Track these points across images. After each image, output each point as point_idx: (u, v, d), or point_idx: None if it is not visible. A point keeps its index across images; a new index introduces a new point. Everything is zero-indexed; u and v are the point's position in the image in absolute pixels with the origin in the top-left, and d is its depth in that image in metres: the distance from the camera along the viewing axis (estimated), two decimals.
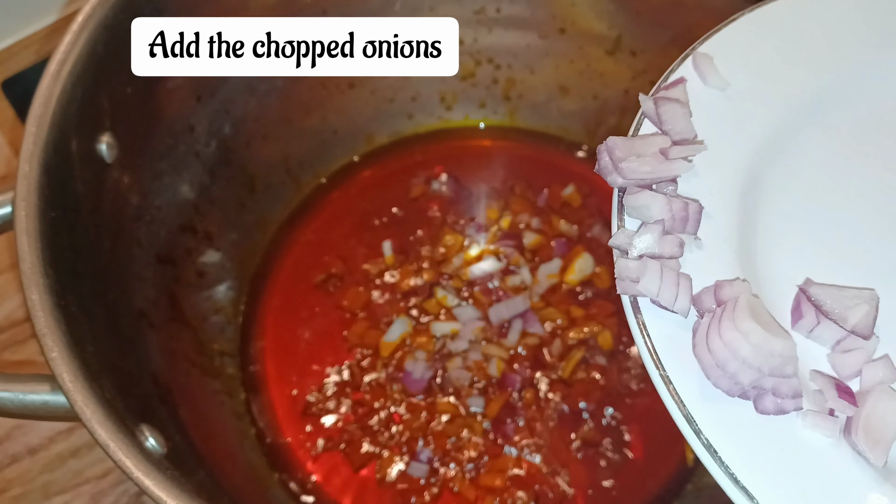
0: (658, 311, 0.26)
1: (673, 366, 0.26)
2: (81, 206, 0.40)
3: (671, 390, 0.25)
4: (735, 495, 0.24)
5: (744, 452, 0.25)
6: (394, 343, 0.52)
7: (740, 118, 0.31)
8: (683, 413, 0.25)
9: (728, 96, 0.32)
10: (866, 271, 0.29)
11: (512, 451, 0.49)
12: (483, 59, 0.58)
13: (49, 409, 0.35)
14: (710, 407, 0.25)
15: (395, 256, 0.55)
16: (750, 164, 0.31)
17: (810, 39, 0.34)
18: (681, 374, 0.26)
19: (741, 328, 0.25)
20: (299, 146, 0.57)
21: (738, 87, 0.32)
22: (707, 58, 0.33)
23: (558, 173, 0.58)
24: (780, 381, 0.25)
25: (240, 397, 0.52)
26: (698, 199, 0.29)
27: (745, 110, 0.32)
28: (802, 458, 0.25)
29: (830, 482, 0.25)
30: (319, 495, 0.49)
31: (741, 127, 0.31)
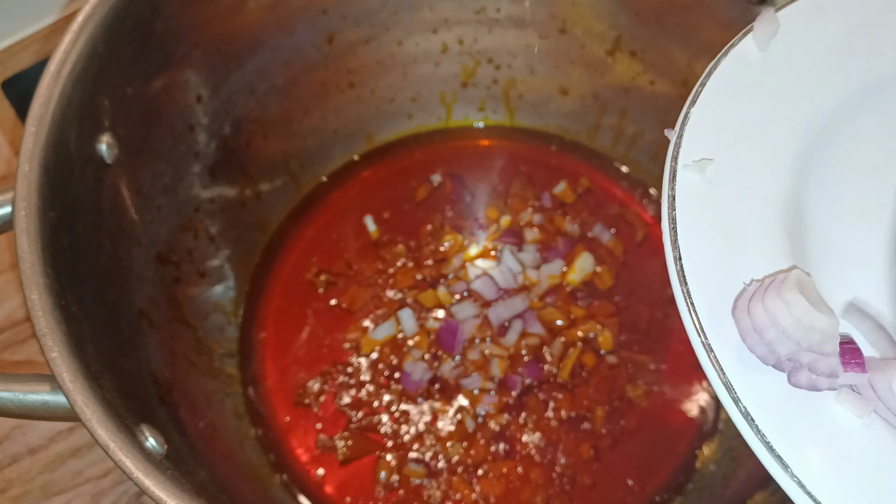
0: (702, 281, 0.27)
1: (714, 335, 0.26)
2: (81, 206, 0.40)
3: (712, 358, 0.26)
4: (770, 464, 0.25)
5: (780, 423, 0.25)
6: (378, 341, 0.52)
7: (797, 95, 0.31)
8: (723, 381, 0.25)
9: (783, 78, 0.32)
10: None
11: (512, 452, 0.49)
12: (483, 59, 0.58)
13: (49, 409, 0.35)
14: (749, 376, 0.25)
15: (395, 257, 0.55)
16: (804, 147, 0.30)
17: (874, 23, 0.33)
18: (722, 343, 0.26)
19: (785, 298, 0.25)
20: (299, 146, 0.57)
21: (797, 67, 0.32)
22: (773, 21, 0.32)
23: (558, 173, 0.58)
24: (818, 358, 0.25)
25: (239, 397, 0.52)
26: (748, 189, 0.28)
27: (804, 89, 0.31)
28: (836, 432, 0.25)
29: (862, 458, 0.25)
30: (319, 495, 0.49)
31: (798, 105, 0.31)
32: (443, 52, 0.57)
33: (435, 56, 0.57)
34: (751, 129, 0.30)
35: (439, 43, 0.57)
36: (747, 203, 0.29)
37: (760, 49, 0.32)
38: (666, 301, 0.54)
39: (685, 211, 0.28)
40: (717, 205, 0.28)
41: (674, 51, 0.53)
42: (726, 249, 0.28)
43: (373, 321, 0.53)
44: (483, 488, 0.48)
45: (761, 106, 0.31)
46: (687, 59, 0.52)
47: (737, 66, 0.31)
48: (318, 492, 0.49)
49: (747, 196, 0.29)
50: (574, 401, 0.50)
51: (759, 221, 0.28)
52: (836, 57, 0.32)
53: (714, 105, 0.30)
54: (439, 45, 0.57)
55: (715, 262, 0.27)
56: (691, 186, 0.29)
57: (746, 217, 0.28)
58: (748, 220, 0.28)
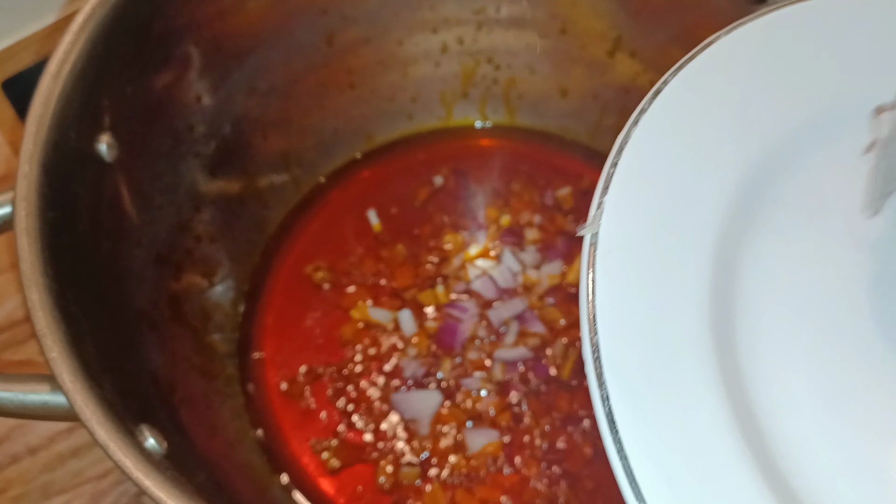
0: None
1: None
2: (81, 206, 0.40)
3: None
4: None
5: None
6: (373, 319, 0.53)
7: (712, 158, 0.29)
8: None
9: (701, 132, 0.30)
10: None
11: (512, 452, 0.49)
12: (483, 59, 0.58)
13: (49, 409, 0.35)
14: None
15: (395, 257, 0.55)
16: (725, 214, 0.29)
17: (789, 68, 0.32)
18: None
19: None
20: (299, 146, 0.57)
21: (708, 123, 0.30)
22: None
23: (559, 173, 0.58)
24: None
25: (239, 397, 0.52)
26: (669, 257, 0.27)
27: (717, 151, 0.30)
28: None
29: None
30: (319, 496, 0.49)
31: (710, 169, 0.29)
32: (443, 52, 0.57)
33: (435, 56, 0.57)
34: (666, 214, 0.28)
35: (439, 43, 0.57)
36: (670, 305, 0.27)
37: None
38: None
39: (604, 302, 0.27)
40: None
41: (674, 51, 0.52)
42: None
43: (371, 320, 0.53)
44: (483, 489, 0.48)
45: (675, 183, 0.29)
46: None
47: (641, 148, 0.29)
48: (318, 492, 0.49)
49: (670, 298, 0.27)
50: (575, 401, 0.50)
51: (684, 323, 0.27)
52: (726, 133, 0.31)
53: (626, 191, 0.28)
54: (439, 45, 0.57)
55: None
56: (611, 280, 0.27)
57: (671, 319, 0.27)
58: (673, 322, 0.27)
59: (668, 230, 0.28)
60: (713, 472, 0.25)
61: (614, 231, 0.27)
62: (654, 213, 0.28)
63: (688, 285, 0.27)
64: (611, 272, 0.27)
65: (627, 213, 0.28)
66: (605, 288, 0.27)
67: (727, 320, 0.27)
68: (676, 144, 0.29)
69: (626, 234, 0.27)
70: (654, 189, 0.28)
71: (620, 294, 0.27)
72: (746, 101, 0.31)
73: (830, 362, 0.28)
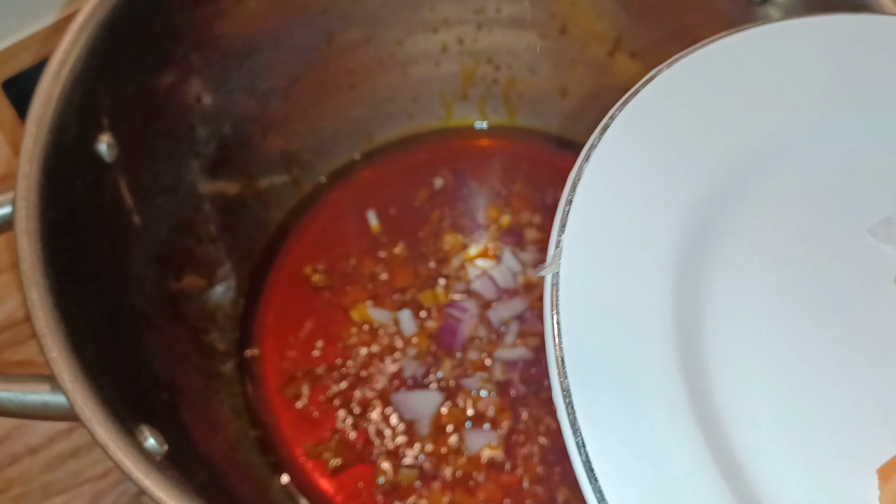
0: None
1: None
2: (81, 206, 0.40)
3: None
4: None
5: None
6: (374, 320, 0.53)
7: (664, 192, 0.29)
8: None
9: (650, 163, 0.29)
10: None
11: (513, 453, 0.49)
12: (483, 60, 0.58)
13: (49, 409, 0.35)
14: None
15: (395, 257, 0.55)
16: (681, 247, 0.28)
17: (729, 101, 0.31)
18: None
19: None
20: (299, 146, 0.57)
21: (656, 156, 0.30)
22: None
23: (559, 173, 0.58)
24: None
25: (239, 397, 0.52)
26: (626, 293, 0.27)
27: (666, 184, 0.29)
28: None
29: None
30: (319, 496, 0.49)
31: (661, 203, 0.29)
32: (443, 52, 0.57)
33: (435, 56, 0.57)
34: (625, 250, 0.28)
35: (439, 43, 0.57)
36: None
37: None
38: None
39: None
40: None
41: (674, 51, 0.52)
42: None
43: (371, 321, 0.53)
44: (483, 489, 0.48)
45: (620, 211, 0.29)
46: None
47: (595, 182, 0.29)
48: (318, 493, 0.49)
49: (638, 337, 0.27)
50: None
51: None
52: (688, 143, 0.30)
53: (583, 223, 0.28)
54: (439, 45, 0.57)
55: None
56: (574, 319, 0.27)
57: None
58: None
59: (628, 266, 0.28)
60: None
61: (575, 270, 0.27)
62: (613, 250, 0.28)
63: (652, 322, 0.27)
64: (575, 312, 0.26)
65: (586, 251, 0.28)
66: (571, 329, 0.26)
67: (695, 354, 0.27)
68: (627, 179, 0.29)
69: (587, 272, 0.27)
70: (611, 225, 0.28)
71: (587, 334, 0.26)
72: (692, 134, 0.30)
73: (802, 393, 0.28)
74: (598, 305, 0.27)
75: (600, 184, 0.29)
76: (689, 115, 0.31)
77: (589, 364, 0.26)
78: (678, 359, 0.27)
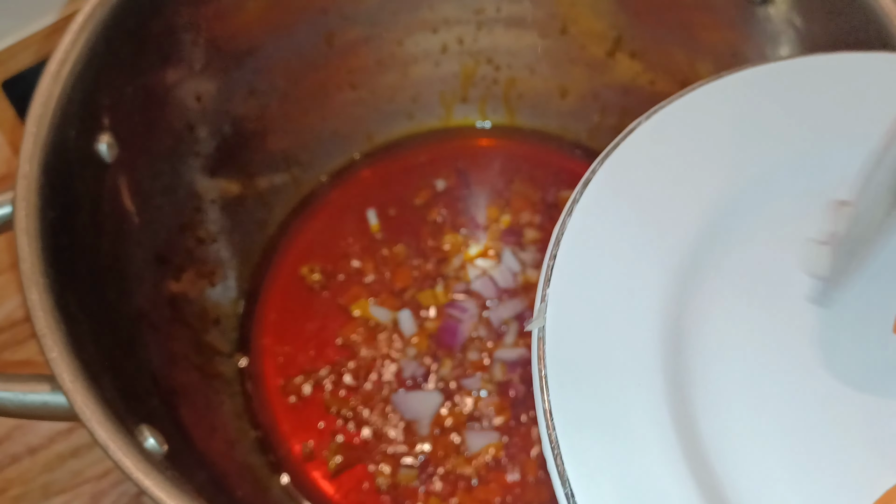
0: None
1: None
2: (81, 206, 0.40)
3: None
4: None
5: None
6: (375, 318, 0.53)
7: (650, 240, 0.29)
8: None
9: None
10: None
11: (512, 453, 0.49)
12: (483, 60, 0.58)
13: (49, 409, 0.35)
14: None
15: (395, 256, 0.55)
16: (666, 296, 0.28)
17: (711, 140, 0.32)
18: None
19: None
20: (299, 146, 0.57)
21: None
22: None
23: (559, 173, 0.58)
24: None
25: (239, 397, 0.52)
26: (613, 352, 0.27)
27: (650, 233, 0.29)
28: None
29: None
30: (318, 496, 0.49)
31: (646, 254, 0.29)
32: (443, 52, 0.57)
33: (435, 56, 0.57)
34: (610, 301, 0.28)
35: (439, 43, 0.57)
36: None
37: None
38: None
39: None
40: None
41: (674, 51, 0.53)
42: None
43: (371, 320, 0.53)
44: (483, 490, 0.48)
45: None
46: (687, 59, 0.52)
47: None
48: (318, 493, 0.49)
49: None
50: None
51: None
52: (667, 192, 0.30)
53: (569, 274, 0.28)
54: (439, 45, 0.57)
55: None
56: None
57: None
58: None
59: (614, 316, 0.28)
60: None
61: (561, 323, 0.27)
62: (598, 302, 0.28)
63: (640, 369, 0.27)
64: (562, 364, 0.27)
65: (572, 303, 0.28)
66: (558, 381, 0.27)
67: (684, 399, 0.27)
68: (611, 231, 0.29)
69: (574, 324, 0.27)
70: (596, 277, 0.28)
71: (575, 386, 0.26)
72: (675, 182, 0.31)
73: (794, 432, 0.28)
74: (586, 356, 0.27)
75: (584, 238, 0.29)
76: (671, 164, 0.31)
77: (577, 414, 0.26)
78: (668, 405, 0.27)
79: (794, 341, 0.29)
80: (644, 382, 0.27)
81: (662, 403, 0.27)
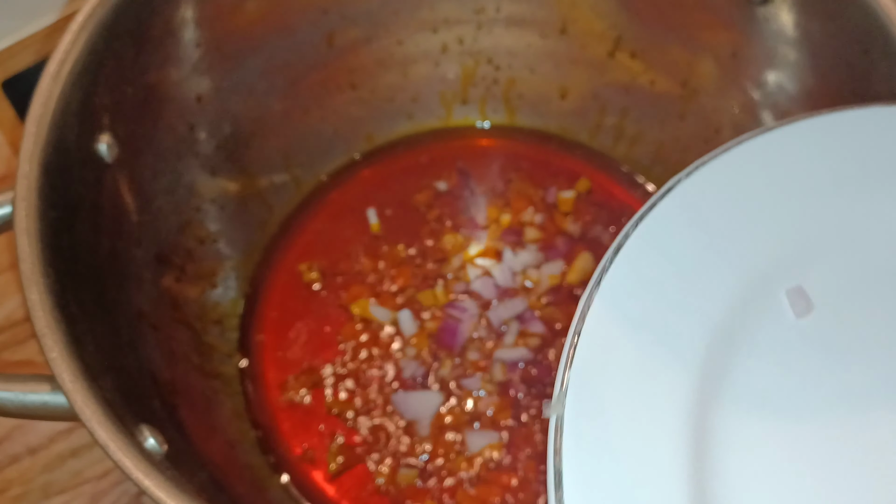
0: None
1: None
2: (81, 206, 0.40)
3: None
4: None
5: None
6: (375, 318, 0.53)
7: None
8: None
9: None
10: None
11: (512, 453, 0.49)
12: (483, 60, 0.58)
13: (49, 409, 0.35)
14: None
15: (395, 256, 0.55)
16: (692, 382, 0.27)
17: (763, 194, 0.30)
18: None
19: None
20: (299, 146, 0.57)
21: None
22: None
23: (559, 173, 0.58)
24: None
25: (239, 397, 0.52)
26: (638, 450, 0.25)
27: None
28: None
29: None
30: (318, 496, 0.49)
31: (672, 337, 0.27)
32: (443, 52, 0.57)
33: (435, 56, 0.57)
34: (634, 388, 0.26)
35: (439, 43, 0.57)
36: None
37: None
38: None
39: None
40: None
41: (674, 50, 0.53)
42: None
43: (371, 320, 0.53)
44: (483, 490, 0.48)
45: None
46: (687, 59, 0.52)
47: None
48: (318, 493, 0.49)
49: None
50: None
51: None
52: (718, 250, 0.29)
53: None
54: (439, 45, 0.57)
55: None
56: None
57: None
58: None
59: (639, 403, 0.26)
60: None
61: (581, 410, 0.26)
62: (620, 390, 0.26)
63: (663, 463, 0.26)
64: (580, 461, 0.25)
65: (595, 391, 0.26)
66: (575, 475, 0.25)
67: (708, 493, 0.26)
68: (640, 306, 0.28)
69: (594, 411, 0.26)
70: (618, 364, 0.27)
71: (592, 479, 0.25)
72: (710, 250, 0.29)
73: None
74: (606, 455, 0.25)
75: (608, 320, 0.27)
76: (705, 230, 0.29)
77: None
78: (690, 497, 0.25)
79: (829, 432, 0.27)
80: (666, 476, 0.25)
81: (684, 497, 0.25)
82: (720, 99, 0.52)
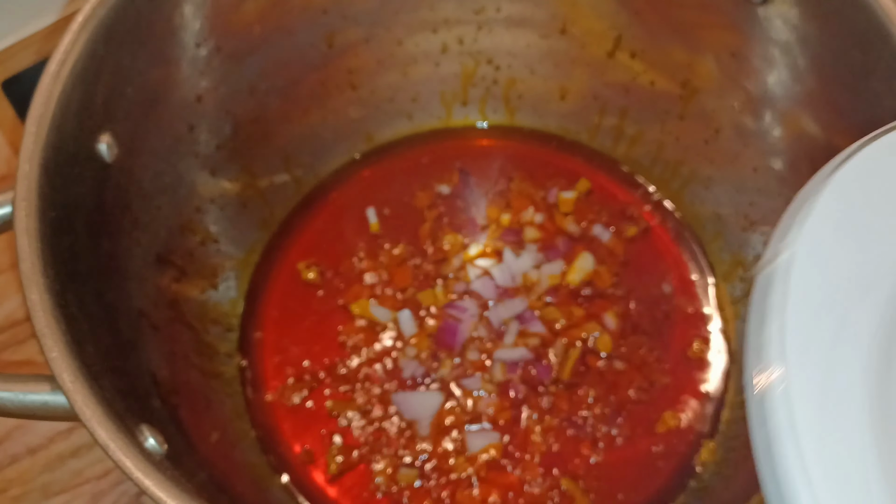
0: None
1: None
2: (81, 206, 0.40)
3: None
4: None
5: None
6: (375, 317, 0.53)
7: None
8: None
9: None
10: None
11: (512, 452, 0.49)
12: (483, 60, 0.58)
13: (49, 409, 0.35)
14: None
15: (395, 256, 0.55)
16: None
17: None
18: None
19: None
20: (299, 146, 0.57)
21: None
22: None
23: (559, 173, 0.58)
24: None
25: (239, 397, 0.52)
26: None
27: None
28: None
29: None
30: (318, 496, 0.49)
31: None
32: (443, 52, 0.57)
33: (435, 56, 0.57)
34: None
35: (439, 43, 0.57)
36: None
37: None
38: (666, 300, 0.54)
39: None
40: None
41: (674, 51, 0.53)
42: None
43: (371, 321, 0.53)
44: (483, 490, 0.48)
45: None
46: (687, 59, 0.52)
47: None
48: (318, 492, 0.49)
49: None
50: (574, 401, 0.50)
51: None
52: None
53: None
54: (439, 45, 0.57)
55: None
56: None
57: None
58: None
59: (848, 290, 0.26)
60: None
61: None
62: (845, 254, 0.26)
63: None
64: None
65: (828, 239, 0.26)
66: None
67: None
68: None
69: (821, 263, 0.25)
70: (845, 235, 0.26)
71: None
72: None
73: None
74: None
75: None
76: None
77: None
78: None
79: None
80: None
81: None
82: (720, 99, 0.52)
